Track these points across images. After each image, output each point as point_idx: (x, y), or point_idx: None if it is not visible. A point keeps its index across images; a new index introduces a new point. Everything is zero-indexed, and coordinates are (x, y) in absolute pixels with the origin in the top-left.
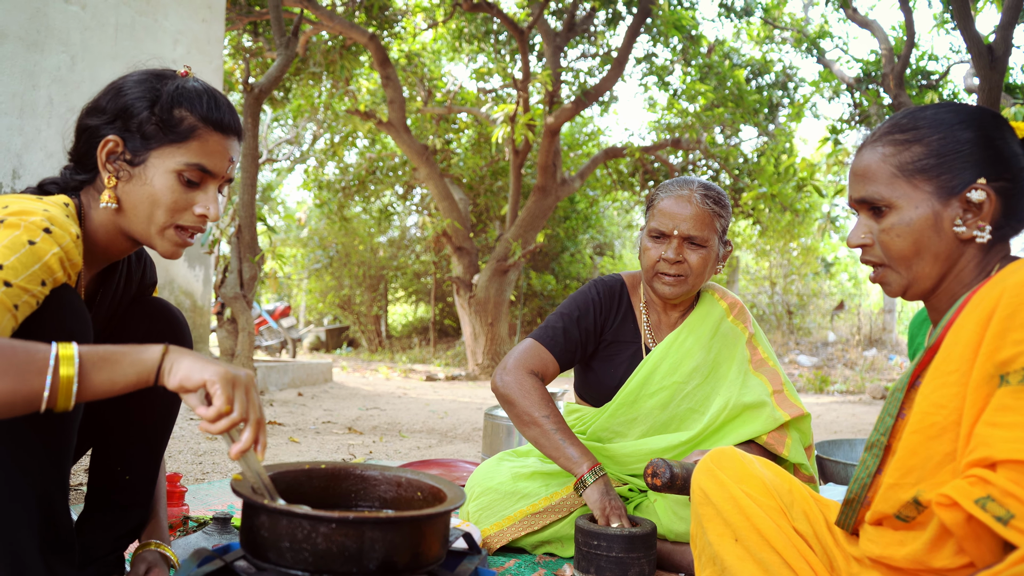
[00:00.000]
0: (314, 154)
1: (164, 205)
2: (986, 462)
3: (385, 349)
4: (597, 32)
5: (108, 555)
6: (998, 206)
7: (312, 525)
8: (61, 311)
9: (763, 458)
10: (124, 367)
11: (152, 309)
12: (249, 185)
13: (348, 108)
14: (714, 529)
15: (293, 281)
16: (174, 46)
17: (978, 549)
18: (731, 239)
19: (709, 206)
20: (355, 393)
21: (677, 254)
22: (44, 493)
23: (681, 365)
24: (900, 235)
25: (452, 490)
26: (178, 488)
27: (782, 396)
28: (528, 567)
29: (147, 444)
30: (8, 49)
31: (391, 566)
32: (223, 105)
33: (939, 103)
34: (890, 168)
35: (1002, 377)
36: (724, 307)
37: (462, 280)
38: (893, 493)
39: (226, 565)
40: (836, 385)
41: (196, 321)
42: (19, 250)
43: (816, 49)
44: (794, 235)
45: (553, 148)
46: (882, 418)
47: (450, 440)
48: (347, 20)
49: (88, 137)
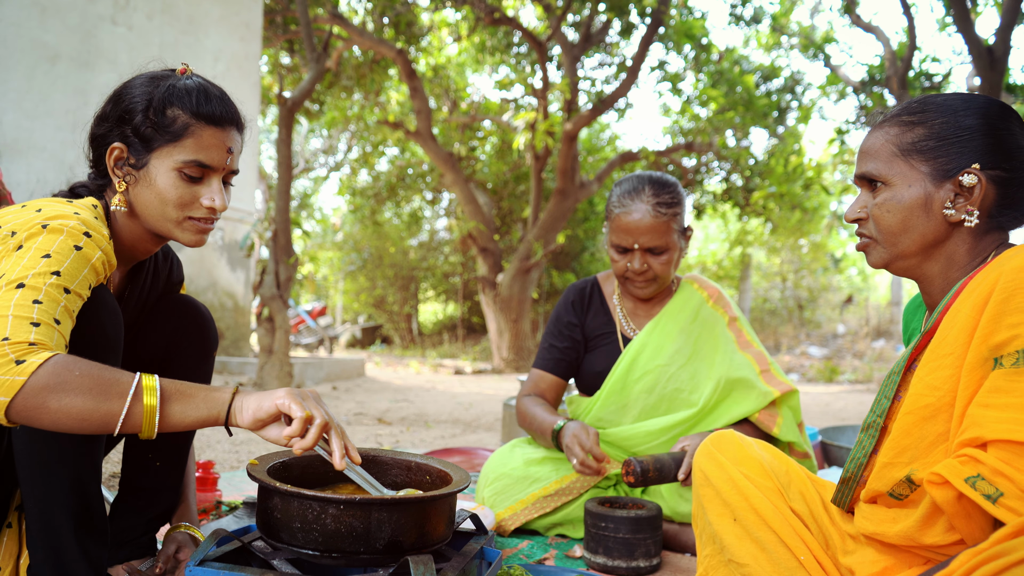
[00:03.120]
0: (348, 163)
1: (171, 202)
2: (977, 442)
3: (416, 345)
4: (612, 43)
5: (140, 537)
6: (993, 194)
7: (321, 507)
8: (95, 309)
9: (761, 440)
10: (197, 403)
11: (179, 305)
12: (283, 191)
13: (378, 119)
14: (714, 509)
15: (330, 282)
16: (214, 63)
17: (968, 527)
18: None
19: (662, 213)
20: (386, 387)
21: (642, 265)
22: (78, 480)
23: (663, 348)
24: (891, 211)
25: (458, 473)
26: (212, 475)
27: (769, 375)
28: (540, 548)
29: (175, 433)
30: (62, 69)
31: (397, 545)
32: (214, 98)
33: (954, 92)
34: (891, 147)
35: (996, 360)
36: (704, 295)
37: (487, 279)
38: (887, 472)
39: (243, 545)
40: (845, 375)
41: (238, 320)
42: (69, 255)
43: (822, 54)
44: (804, 232)
45: (572, 153)
46: (879, 400)
47: (473, 430)
48: (376, 36)
49: (98, 145)
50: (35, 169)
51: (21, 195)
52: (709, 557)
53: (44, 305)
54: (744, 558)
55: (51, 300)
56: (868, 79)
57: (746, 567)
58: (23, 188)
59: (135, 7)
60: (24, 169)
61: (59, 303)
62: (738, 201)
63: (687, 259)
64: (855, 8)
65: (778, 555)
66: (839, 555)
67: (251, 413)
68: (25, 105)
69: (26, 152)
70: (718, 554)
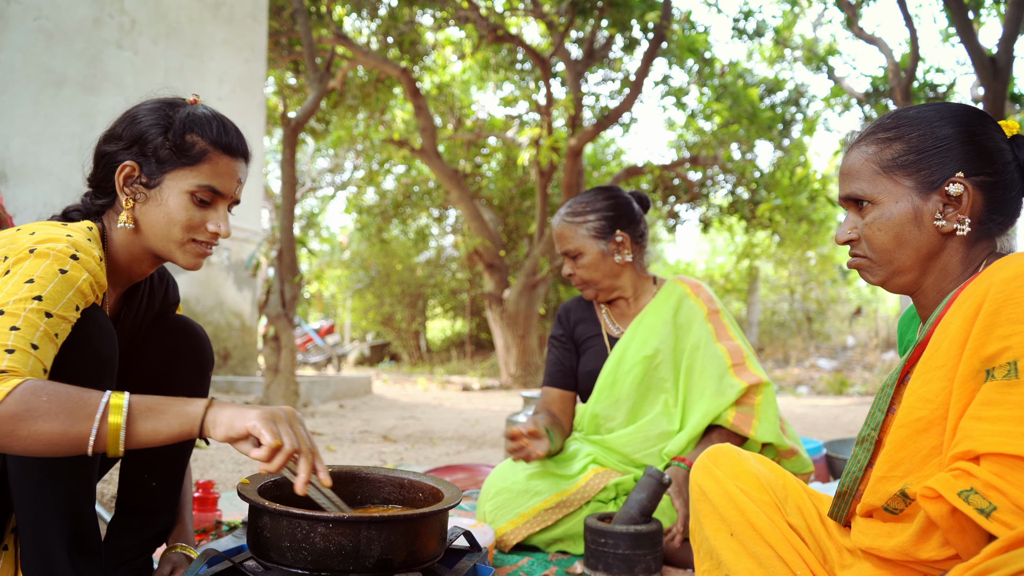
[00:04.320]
0: (354, 181)
1: (179, 223)
2: (970, 455)
3: (425, 362)
4: (616, 58)
5: (137, 557)
6: (980, 200)
7: (310, 525)
8: (90, 331)
9: (758, 455)
10: (169, 418)
11: (175, 325)
12: (288, 210)
13: (384, 137)
14: (711, 524)
15: (338, 300)
16: (219, 85)
17: (963, 541)
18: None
19: (568, 220)
20: (393, 404)
21: (570, 268)
22: (71, 501)
23: (648, 341)
24: (881, 229)
25: (450, 490)
26: (212, 495)
27: (741, 368)
28: (540, 565)
29: (171, 453)
30: (68, 93)
31: (387, 564)
32: (231, 130)
33: (924, 103)
34: (872, 166)
35: (988, 372)
36: (685, 289)
37: (494, 295)
38: (882, 486)
39: (234, 565)
40: (855, 387)
41: (245, 339)
42: (53, 279)
43: (826, 66)
44: (811, 244)
45: (577, 168)
46: (873, 413)
47: (479, 446)
48: (380, 55)
49: (107, 163)
50: (42, 193)
51: (28, 219)
52: (706, 572)
53: (21, 331)
54: (741, 573)
55: (30, 325)
56: (872, 91)
57: None
58: (30, 212)
59: (140, 32)
60: (31, 193)
61: (38, 328)
62: (744, 214)
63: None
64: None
65: (775, 570)
66: (836, 569)
67: (223, 430)
68: (31, 129)
69: (33, 176)
70: (715, 569)
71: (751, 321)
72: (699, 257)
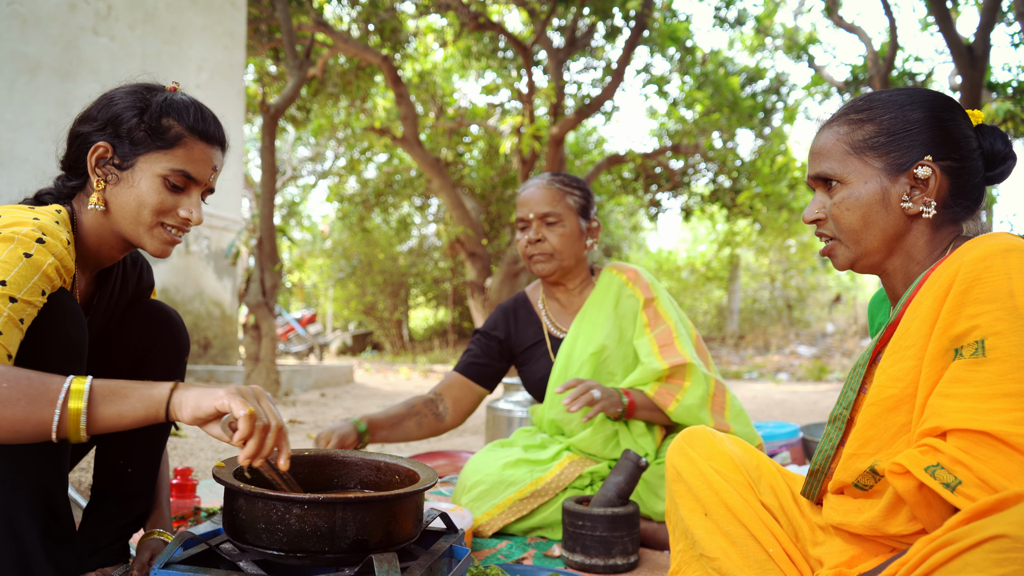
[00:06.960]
0: (335, 170)
1: (150, 206)
2: (937, 431)
3: (407, 351)
4: (597, 46)
5: (113, 544)
6: (946, 185)
7: (285, 507)
8: (58, 315)
9: (733, 436)
10: (133, 402)
11: (150, 310)
12: (268, 198)
13: (365, 126)
14: (686, 505)
15: (319, 290)
16: (198, 72)
17: (929, 516)
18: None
19: (556, 186)
20: (375, 393)
21: (537, 233)
22: (42, 487)
23: (593, 337)
24: (850, 209)
25: (426, 472)
26: (190, 481)
27: (669, 348)
28: (519, 548)
29: (147, 439)
30: (43, 80)
31: (363, 544)
32: (209, 117)
33: (896, 88)
34: (844, 145)
35: (956, 351)
36: (623, 278)
37: (476, 284)
38: (852, 463)
39: (210, 548)
40: (834, 373)
41: (225, 329)
42: (17, 264)
43: (806, 55)
44: (791, 232)
45: (559, 157)
46: (845, 392)
47: (460, 433)
48: (361, 43)
49: (80, 143)
50: (17, 181)
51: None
52: (681, 552)
53: None
54: (714, 552)
55: None
56: (852, 79)
57: (716, 561)
58: (4, 199)
59: (117, 17)
60: (6, 181)
61: (2, 313)
62: (725, 202)
63: (675, 258)
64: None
65: (748, 548)
66: (808, 547)
67: (190, 411)
68: (6, 116)
69: (8, 164)
70: (690, 549)
71: (732, 309)
72: (681, 245)
